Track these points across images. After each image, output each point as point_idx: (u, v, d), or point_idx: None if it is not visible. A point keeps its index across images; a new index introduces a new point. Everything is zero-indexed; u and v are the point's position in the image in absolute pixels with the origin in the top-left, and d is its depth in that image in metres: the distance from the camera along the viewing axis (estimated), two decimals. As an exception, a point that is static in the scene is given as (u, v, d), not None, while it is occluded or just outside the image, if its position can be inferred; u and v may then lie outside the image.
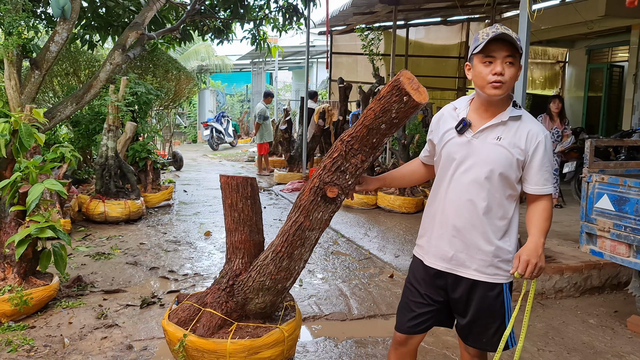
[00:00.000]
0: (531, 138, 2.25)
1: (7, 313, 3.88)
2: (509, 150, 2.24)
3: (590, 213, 3.94)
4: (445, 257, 2.36)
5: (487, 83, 2.21)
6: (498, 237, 2.30)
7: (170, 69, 10.80)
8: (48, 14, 9.18)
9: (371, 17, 12.67)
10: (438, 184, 2.41)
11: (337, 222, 7.36)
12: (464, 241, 2.32)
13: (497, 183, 2.26)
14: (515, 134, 2.25)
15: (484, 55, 2.21)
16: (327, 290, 4.80)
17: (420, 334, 2.50)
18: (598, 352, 3.76)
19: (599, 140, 4.31)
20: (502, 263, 2.32)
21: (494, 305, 2.35)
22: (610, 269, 4.96)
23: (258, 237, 3.01)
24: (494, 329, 2.37)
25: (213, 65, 23.79)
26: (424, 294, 2.44)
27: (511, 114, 2.27)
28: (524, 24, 4.43)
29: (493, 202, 2.28)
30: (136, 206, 7.24)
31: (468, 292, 2.35)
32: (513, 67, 2.20)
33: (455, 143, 2.32)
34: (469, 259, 2.32)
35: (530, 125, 2.28)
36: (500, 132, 2.26)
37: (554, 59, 15.95)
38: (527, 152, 2.25)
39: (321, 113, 10.90)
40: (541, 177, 2.28)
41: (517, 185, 2.31)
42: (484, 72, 2.21)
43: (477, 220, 2.29)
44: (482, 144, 2.27)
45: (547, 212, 2.30)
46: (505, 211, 2.31)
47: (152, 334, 3.82)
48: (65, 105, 7.36)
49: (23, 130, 4.20)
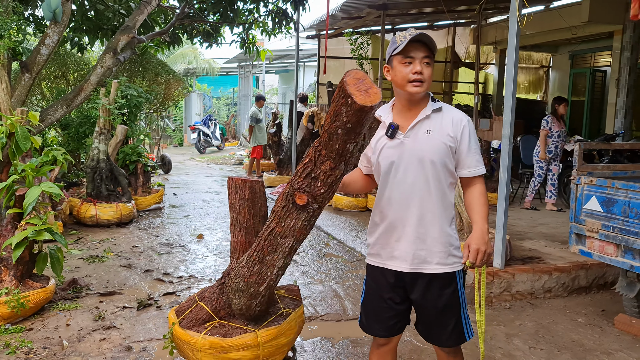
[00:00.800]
0: (456, 123, 2.38)
1: (4, 316, 3.89)
2: (440, 139, 2.36)
3: (579, 214, 4.05)
4: (407, 259, 2.40)
5: (407, 82, 2.32)
6: (449, 225, 2.43)
7: (159, 72, 10.80)
8: (36, 17, 9.15)
9: (359, 21, 12.78)
10: (382, 190, 2.46)
11: (329, 225, 7.43)
12: (421, 237, 2.38)
13: (439, 173, 2.37)
14: (442, 124, 2.38)
15: (403, 56, 2.33)
16: (322, 292, 4.86)
17: (396, 335, 2.57)
18: (587, 349, 3.86)
19: (588, 143, 4.42)
20: (456, 250, 2.44)
21: (451, 301, 2.43)
22: (597, 270, 5.08)
23: (254, 239, 2.99)
24: (452, 325, 2.45)
25: (200, 69, 23.76)
26: (387, 298, 2.49)
27: (432, 107, 2.40)
28: (514, 29, 4.54)
29: (439, 192, 2.38)
30: (127, 209, 7.24)
31: (424, 291, 2.42)
32: (429, 67, 2.34)
33: (389, 147, 2.40)
34: (430, 254, 2.39)
35: (452, 112, 2.43)
36: (427, 126, 2.38)
37: (538, 64, 16.20)
38: (455, 138, 2.37)
39: (310, 117, 10.97)
40: (472, 159, 2.40)
41: (454, 173, 2.44)
42: (404, 72, 2.33)
43: (430, 214, 2.38)
44: (415, 141, 2.37)
45: (484, 197, 2.43)
46: (450, 199, 2.43)
47: (150, 335, 3.85)
48: (56, 108, 7.34)
49: (19, 133, 4.22)
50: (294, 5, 10.07)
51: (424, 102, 2.41)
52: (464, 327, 2.47)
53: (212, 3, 9.81)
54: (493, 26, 13.61)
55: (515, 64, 4.53)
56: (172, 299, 4.58)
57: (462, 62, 15.30)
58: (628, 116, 9.01)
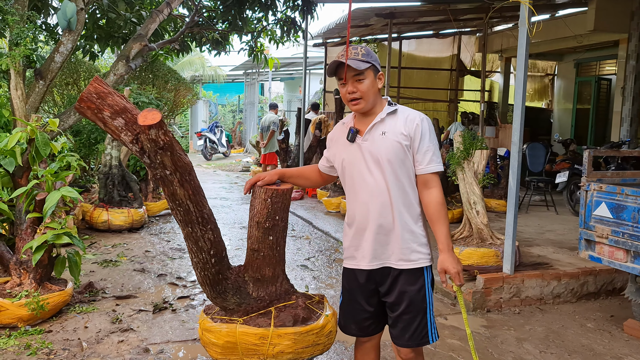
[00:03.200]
0: (410, 122, 2.46)
1: (24, 318, 3.97)
2: (395, 139, 2.44)
3: (588, 220, 4.11)
4: (376, 255, 2.49)
5: (348, 101, 2.48)
6: (414, 223, 2.48)
7: (169, 80, 10.92)
8: (49, 25, 9.28)
9: (366, 29, 12.90)
10: (348, 192, 2.58)
11: (337, 231, 7.50)
12: (386, 235, 2.47)
13: (397, 172, 2.44)
14: (396, 124, 2.47)
15: (337, 78, 2.49)
16: (334, 296, 4.92)
17: (375, 334, 2.66)
18: (597, 354, 3.92)
19: (597, 150, 4.49)
20: (420, 247, 2.49)
21: (417, 299, 2.48)
22: (605, 275, 5.14)
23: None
24: (416, 324, 2.49)
25: (206, 76, 23.91)
26: (360, 300, 2.59)
27: (387, 111, 2.49)
28: (523, 38, 4.62)
29: (400, 191, 2.46)
30: (139, 215, 7.33)
31: (392, 286, 2.50)
32: (364, 82, 2.43)
33: (350, 151, 2.52)
34: (394, 251, 2.47)
35: (407, 112, 2.51)
36: (382, 127, 2.47)
37: (544, 72, 16.28)
38: (409, 136, 2.44)
39: (317, 124, 11.06)
40: (426, 156, 2.45)
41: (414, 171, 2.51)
42: (342, 92, 2.48)
43: (393, 212, 2.45)
44: (372, 142, 2.47)
45: (443, 207, 2.46)
46: (414, 196, 2.50)
47: (167, 338, 3.93)
48: (69, 115, 7.45)
49: (39, 139, 4.31)
50: (303, 14, 10.18)
51: (379, 107, 2.51)
52: (429, 329, 2.51)
53: (221, 12, 9.93)
54: (499, 34, 13.70)
55: (525, 72, 4.61)
56: (186, 302, 4.66)
57: (468, 70, 15.39)
58: (634, 124, 9.07)
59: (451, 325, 4.32)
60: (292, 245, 6.87)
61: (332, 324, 2.81)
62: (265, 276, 2.74)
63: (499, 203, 8.69)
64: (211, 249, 2.59)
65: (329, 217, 8.67)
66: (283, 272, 2.84)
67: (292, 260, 6.15)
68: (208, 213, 2.57)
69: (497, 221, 7.60)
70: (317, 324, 2.73)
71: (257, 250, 2.69)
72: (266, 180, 2.64)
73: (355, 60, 2.40)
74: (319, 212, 9.15)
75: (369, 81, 2.44)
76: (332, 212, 9.00)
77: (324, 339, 2.78)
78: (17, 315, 3.94)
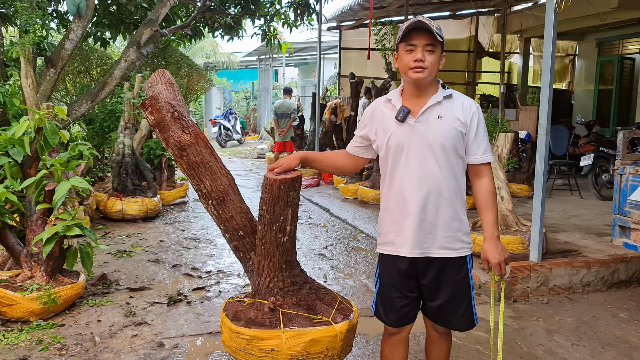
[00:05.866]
0: (466, 109, 2.39)
1: (35, 312, 3.86)
2: (452, 125, 2.36)
3: (623, 206, 3.90)
4: (419, 243, 2.40)
5: (409, 69, 2.34)
6: (462, 211, 2.44)
7: (182, 66, 10.76)
8: (60, 12, 9.16)
9: (381, 11, 12.62)
10: (391, 176, 2.45)
11: (355, 218, 7.33)
12: (433, 223, 2.39)
13: (450, 158, 2.37)
14: (452, 109, 2.38)
15: (405, 44, 2.34)
16: (353, 287, 4.77)
17: (408, 324, 2.58)
18: (633, 346, 3.72)
19: (633, 131, 4.25)
20: (465, 236, 2.45)
21: (462, 286, 2.47)
22: (637, 262, 4.90)
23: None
24: (462, 309, 2.49)
25: (219, 62, 23.75)
26: (400, 288, 2.50)
27: (444, 94, 2.40)
28: (551, 13, 4.38)
29: (451, 177, 2.38)
30: (153, 204, 7.22)
31: (437, 276, 2.44)
32: (433, 54, 2.32)
33: (400, 132, 2.39)
34: (441, 239, 2.40)
35: (462, 98, 2.44)
36: (439, 111, 2.37)
37: (564, 52, 15.86)
38: (465, 123, 2.38)
39: (333, 109, 10.85)
40: (481, 146, 2.41)
41: (464, 158, 2.44)
42: (406, 59, 2.34)
43: (442, 199, 2.37)
44: (426, 126, 2.36)
45: (493, 196, 2.44)
46: (463, 184, 2.44)
47: (182, 332, 3.80)
48: (81, 103, 7.33)
49: (48, 127, 4.17)
50: (316, -4, 9.95)
51: (433, 88, 2.41)
52: (474, 312, 2.53)
53: (233, -5, 9.74)
54: (518, 14, 13.31)
55: (553, 50, 4.37)
56: (201, 294, 4.53)
57: (486, 51, 15.04)
58: (661, 104, 8.74)
59: (480, 317, 4.13)
60: (309, 234, 6.72)
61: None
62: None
63: (521, 188, 8.45)
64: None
65: (346, 204, 8.49)
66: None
67: (309, 249, 6.00)
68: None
69: (520, 206, 7.37)
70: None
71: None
72: (285, 167, 2.55)
73: (433, 29, 2.29)
74: (336, 199, 8.98)
75: (437, 56, 2.35)
76: (350, 198, 8.82)
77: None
78: (28, 309, 3.83)
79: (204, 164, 2.65)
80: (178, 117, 2.61)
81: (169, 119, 2.60)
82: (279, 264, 2.63)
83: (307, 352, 2.55)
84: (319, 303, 2.73)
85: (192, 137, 2.62)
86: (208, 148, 2.70)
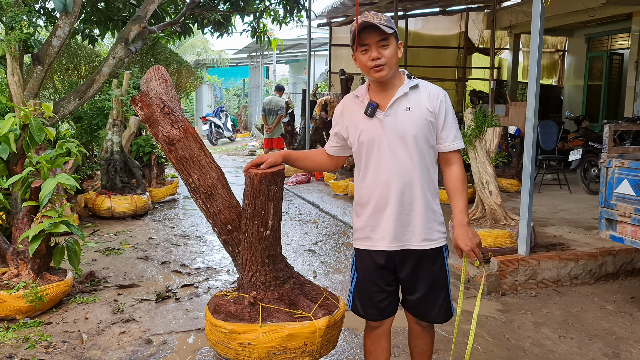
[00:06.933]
0: (433, 97, 2.38)
1: (22, 310, 3.84)
2: (421, 115, 2.35)
3: (609, 198, 3.91)
4: (397, 236, 2.40)
5: (369, 69, 2.32)
6: (434, 200, 2.44)
7: (171, 63, 10.71)
8: (47, 9, 9.08)
9: (371, 8, 12.58)
10: (364, 171, 2.44)
11: (345, 214, 7.33)
12: (408, 215, 2.39)
13: (423, 149, 2.37)
14: (420, 99, 2.37)
15: (359, 45, 2.32)
16: (342, 282, 4.77)
17: (388, 317, 2.58)
18: (619, 337, 3.74)
19: (619, 125, 4.27)
20: (440, 225, 2.46)
21: (439, 277, 2.47)
22: (624, 255, 4.94)
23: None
24: (440, 301, 2.49)
25: (210, 60, 23.65)
26: (378, 282, 2.49)
27: (410, 84, 2.39)
28: (538, 8, 4.38)
29: (423, 168, 2.38)
30: (142, 201, 7.18)
31: (414, 269, 2.44)
32: (389, 48, 2.30)
33: (369, 127, 2.39)
34: (417, 231, 2.40)
35: (429, 87, 2.42)
36: (406, 102, 2.37)
37: (553, 48, 15.92)
38: (434, 112, 2.37)
39: (323, 105, 10.84)
40: (450, 133, 2.41)
41: (435, 148, 2.43)
42: (363, 60, 2.33)
43: (415, 191, 2.37)
44: (395, 118, 2.36)
45: (463, 183, 2.44)
46: (435, 174, 2.44)
47: (170, 328, 3.78)
48: (69, 100, 7.28)
49: (33, 124, 4.14)
50: (306, -8, 9.93)
51: (398, 80, 2.40)
52: (450, 303, 2.53)
53: (222, -9, 9.70)
54: (507, 10, 13.35)
55: (540, 45, 4.37)
56: (190, 291, 4.51)
57: (476, 47, 15.06)
58: (649, 99, 8.80)
59: (465, 310, 4.15)
60: (299, 230, 6.71)
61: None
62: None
63: (511, 182, 8.48)
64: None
65: (336, 200, 8.50)
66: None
67: (299, 245, 6.00)
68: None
69: (509, 201, 7.40)
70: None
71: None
72: (270, 162, 2.53)
73: (382, 25, 2.26)
74: (326, 195, 8.98)
75: (393, 48, 2.33)
76: (340, 194, 8.82)
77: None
78: (15, 307, 3.81)
79: (193, 158, 2.64)
80: (168, 112, 2.59)
81: (158, 114, 2.58)
82: (262, 258, 2.61)
83: (285, 347, 2.54)
84: (302, 298, 2.71)
85: (181, 131, 2.61)
86: (197, 143, 2.68)
